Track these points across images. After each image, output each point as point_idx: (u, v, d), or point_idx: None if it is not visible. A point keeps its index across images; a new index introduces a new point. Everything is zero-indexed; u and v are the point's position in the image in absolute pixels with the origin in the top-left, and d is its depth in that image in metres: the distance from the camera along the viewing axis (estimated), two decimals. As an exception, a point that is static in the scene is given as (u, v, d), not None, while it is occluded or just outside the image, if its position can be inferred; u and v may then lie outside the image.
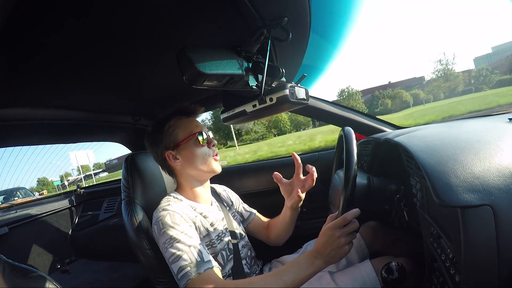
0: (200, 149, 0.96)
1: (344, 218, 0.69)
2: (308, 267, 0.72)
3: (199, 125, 1.00)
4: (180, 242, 0.79)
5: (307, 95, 0.83)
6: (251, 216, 1.18)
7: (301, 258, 0.75)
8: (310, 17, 0.75)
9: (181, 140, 0.96)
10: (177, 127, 0.98)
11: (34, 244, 2.00)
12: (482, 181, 0.50)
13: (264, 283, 0.72)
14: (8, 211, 2.09)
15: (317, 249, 0.73)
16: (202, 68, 0.59)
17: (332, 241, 0.70)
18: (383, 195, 0.90)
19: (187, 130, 0.97)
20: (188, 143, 0.96)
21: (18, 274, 0.72)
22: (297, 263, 0.74)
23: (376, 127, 1.41)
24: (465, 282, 0.50)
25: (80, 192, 2.39)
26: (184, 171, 0.98)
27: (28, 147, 10.05)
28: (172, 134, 0.97)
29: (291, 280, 0.71)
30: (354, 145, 0.77)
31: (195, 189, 1.00)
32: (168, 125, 0.98)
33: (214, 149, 1.00)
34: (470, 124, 0.96)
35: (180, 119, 0.99)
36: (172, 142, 0.97)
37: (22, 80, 0.76)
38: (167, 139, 0.97)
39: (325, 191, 1.14)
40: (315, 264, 0.72)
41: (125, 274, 1.78)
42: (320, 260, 0.72)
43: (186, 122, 0.99)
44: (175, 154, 0.97)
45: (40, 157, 68.80)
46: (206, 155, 0.97)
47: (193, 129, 0.97)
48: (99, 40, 0.65)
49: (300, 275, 0.72)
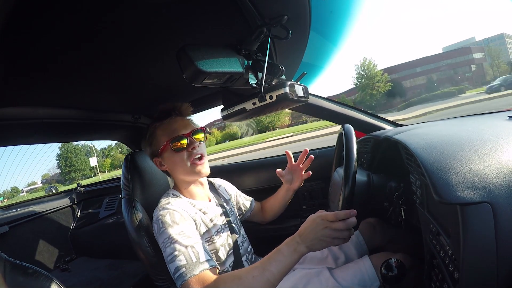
0: (178, 155, 0.92)
1: (335, 214, 0.69)
2: (292, 253, 0.71)
3: (177, 128, 0.94)
4: (178, 242, 0.80)
5: (307, 92, 0.83)
6: (252, 204, 1.25)
7: (283, 246, 0.74)
8: (310, 16, 0.75)
9: (161, 148, 0.94)
10: (155, 135, 0.96)
11: (34, 242, 2.00)
12: (481, 179, 0.51)
13: (252, 276, 0.72)
14: (8, 209, 2.09)
15: (300, 233, 0.72)
16: (202, 66, 0.59)
17: (316, 231, 0.69)
18: (383, 192, 0.91)
19: (164, 137, 0.94)
20: (166, 151, 0.94)
21: (19, 272, 0.72)
22: (280, 251, 0.73)
23: (376, 124, 1.41)
24: (464, 279, 0.50)
25: (80, 191, 2.39)
26: (174, 175, 0.99)
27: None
28: (153, 143, 0.97)
29: (276, 269, 0.71)
30: (354, 143, 0.77)
31: (190, 188, 1.00)
32: (148, 134, 0.97)
33: (196, 151, 0.93)
34: (470, 122, 0.96)
35: (158, 125, 0.96)
36: (155, 150, 0.97)
37: (22, 79, 0.76)
38: (149, 148, 0.98)
39: (325, 189, 1.15)
40: (298, 250, 0.71)
41: (125, 272, 1.78)
42: (302, 245, 0.71)
43: (163, 128, 0.95)
44: (161, 160, 0.97)
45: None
46: (185, 161, 0.93)
47: (170, 134, 0.93)
48: (99, 39, 0.65)
49: (285, 263, 0.71)
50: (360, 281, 0.90)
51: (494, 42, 70.24)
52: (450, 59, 44.19)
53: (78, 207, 2.36)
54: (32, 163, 60.82)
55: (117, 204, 2.17)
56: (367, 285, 0.89)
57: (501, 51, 51.83)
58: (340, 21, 0.94)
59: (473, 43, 71.31)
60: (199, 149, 0.95)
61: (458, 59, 44.04)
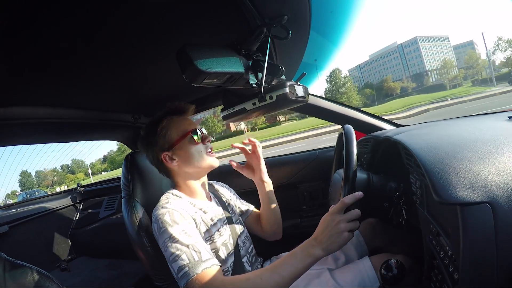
0: (196, 146, 0.96)
1: (342, 202, 0.68)
2: (306, 257, 0.70)
3: (192, 123, 1.00)
4: (179, 241, 0.79)
5: (307, 93, 0.83)
6: (248, 211, 1.19)
7: (297, 249, 0.73)
8: (310, 16, 0.75)
9: (175, 140, 0.95)
10: (170, 128, 0.97)
11: (34, 242, 2.00)
12: (481, 179, 0.51)
13: (261, 278, 0.71)
14: (8, 209, 2.09)
15: (316, 236, 0.71)
16: (202, 66, 0.59)
17: (332, 227, 0.67)
18: (383, 192, 0.91)
19: (180, 130, 0.96)
20: (183, 143, 0.95)
21: (19, 272, 0.72)
22: (294, 254, 0.72)
23: (376, 125, 1.41)
24: (463, 280, 0.50)
25: (80, 191, 2.39)
26: (182, 170, 0.98)
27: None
28: (166, 135, 0.96)
29: (287, 273, 0.70)
30: (354, 143, 0.77)
31: (192, 186, 1.00)
32: (161, 127, 0.97)
33: (209, 145, 1.00)
34: (470, 122, 0.96)
35: (172, 119, 0.98)
36: (166, 143, 0.96)
37: (22, 79, 0.76)
38: (161, 140, 0.97)
39: (325, 189, 1.14)
40: (313, 254, 0.69)
41: (125, 272, 1.79)
42: (318, 248, 0.69)
43: (179, 122, 0.98)
44: (171, 155, 0.96)
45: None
46: (202, 152, 0.97)
47: (187, 127, 0.97)
48: (99, 39, 0.65)
49: (298, 267, 0.70)
50: (360, 282, 0.89)
51: (409, 48, 72.67)
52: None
53: (78, 207, 2.37)
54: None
55: (117, 204, 2.17)
56: (367, 286, 0.89)
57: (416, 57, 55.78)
58: (340, 21, 0.94)
59: (392, 49, 74.82)
60: (210, 143, 1.01)
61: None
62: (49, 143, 4.93)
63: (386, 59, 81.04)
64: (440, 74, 66.34)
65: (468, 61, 61.84)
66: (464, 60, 63.86)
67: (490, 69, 51.14)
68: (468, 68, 61.44)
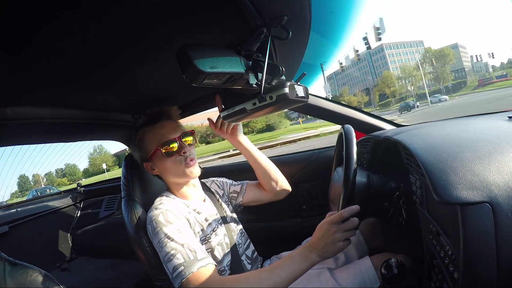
0: (170, 159, 0.92)
1: (340, 214, 0.70)
2: (303, 261, 0.72)
3: (170, 130, 0.95)
4: (174, 241, 0.80)
5: (307, 93, 0.83)
6: (243, 186, 1.17)
7: (295, 253, 0.75)
8: (310, 16, 0.75)
9: (151, 153, 0.93)
10: (145, 140, 0.95)
11: (34, 242, 2.00)
12: (481, 179, 0.51)
13: (259, 278, 0.72)
14: (8, 209, 2.09)
15: (312, 243, 0.73)
16: (202, 66, 0.59)
17: (327, 236, 0.70)
18: (383, 192, 0.91)
19: (154, 142, 0.93)
20: (157, 156, 0.93)
21: (19, 272, 0.72)
22: (292, 257, 0.74)
23: (376, 125, 1.41)
24: (464, 279, 0.50)
25: (80, 191, 2.39)
26: (165, 178, 0.99)
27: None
28: (142, 148, 0.96)
29: (285, 274, 0.72)
30: (354, 143, 0.77)
31: (182, 190, 0.99)
32: (136, 139, 0.96)
33: (187, 155, 0.93)
34: (470, 122, 0.96)
35: (147, 130, 0.95)
36: (144, 155, 0.96)
37: (21, 79, 0.75)
38: (139, 153, 0.97)
39: (325, 189, 1.14)
40: (309, 258, 0.72)
41: (125, 272, 1.79)
42: (314, 254, 0.72)
43: (152, 132, 0.94)
44: (151, 165, 0.97)
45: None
46: (178, 163, 0.93)
47: (160, 139, 0.92)
48: (99, 38, 0.65)
49: (295, 269, 0.72)
50: (360, 282, 0.89)
51: (375, 56, 72.56)
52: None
53: (78, 207, 2.37)
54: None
55: (117, 204, 2.17)
56: (367, 286, 0.89)
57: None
58: (340, 22, 0.94)
59: (362, 57, 74.23)
60: (189, 152, 0.95)
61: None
62: (49, 143, 4.91)
63: (357, 67, 79.65)
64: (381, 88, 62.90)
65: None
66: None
67: (423, 84, 48.70)
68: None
